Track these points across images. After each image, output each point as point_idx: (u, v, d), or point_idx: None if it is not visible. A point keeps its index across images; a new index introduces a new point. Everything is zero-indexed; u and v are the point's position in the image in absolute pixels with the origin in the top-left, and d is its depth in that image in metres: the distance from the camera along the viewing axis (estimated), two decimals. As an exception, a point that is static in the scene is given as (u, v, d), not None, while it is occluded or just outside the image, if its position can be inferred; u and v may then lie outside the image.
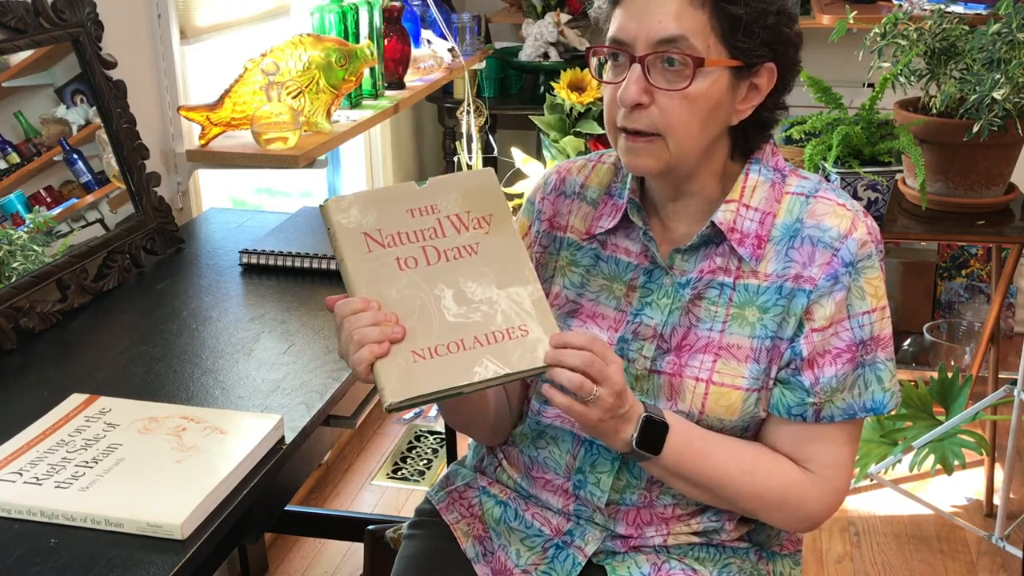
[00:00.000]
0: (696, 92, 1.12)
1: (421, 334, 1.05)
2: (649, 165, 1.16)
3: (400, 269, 1.09)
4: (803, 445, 1.21)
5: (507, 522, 1.33)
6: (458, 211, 1.13)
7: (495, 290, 1.09)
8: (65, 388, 1.31)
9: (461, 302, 1.08)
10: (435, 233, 1.11)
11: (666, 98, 1.12)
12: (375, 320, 1.05)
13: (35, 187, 1.61)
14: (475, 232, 1.12)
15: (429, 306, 1.07)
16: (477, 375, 1.04)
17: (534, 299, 1.10)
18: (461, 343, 1.06)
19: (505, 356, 1.05)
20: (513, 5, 3.63)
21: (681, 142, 1.14)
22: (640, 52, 1.12)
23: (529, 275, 1.11)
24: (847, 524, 2.61)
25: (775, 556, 1.33)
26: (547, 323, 1.08)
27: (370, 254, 1.09)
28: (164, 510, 1.05)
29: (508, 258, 1.11)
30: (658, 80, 1.12)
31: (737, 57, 1.13)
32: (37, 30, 1.62)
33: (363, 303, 1.06)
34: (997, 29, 2.09)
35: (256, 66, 1.97)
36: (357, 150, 3.04)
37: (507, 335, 1.07)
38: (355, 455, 2.93)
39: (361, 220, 1.10)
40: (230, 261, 1.81)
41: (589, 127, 3.14)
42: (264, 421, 1.23)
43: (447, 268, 1.10)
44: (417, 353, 1.04)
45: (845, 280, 1.17)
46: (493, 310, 1.08)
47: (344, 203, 1.11)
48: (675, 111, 1.13)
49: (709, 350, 1.20)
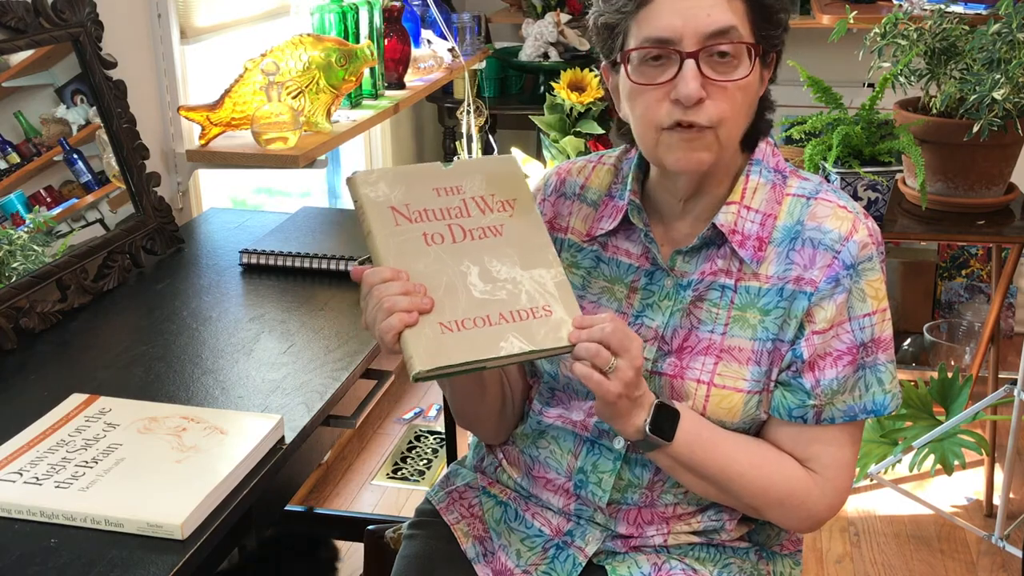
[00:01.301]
0: (748, 81, 1.14)
1: (449, 307, 1.07)
2: (706, 159, 1.15)
3: (427, 244, 1.10)
4: (804, 447, 1.21)
5: (507, 522, 1.33)
6: (483, 193, 1.15)
7: (519, 271, 1.11)
8: (65, 388, 1.31)
9: (487, 280, 1.10)
10: (460, 212, 1.13)
11: (720, 90, 1.12)
12: (405, 290, 1.06)
13: (35, 187, 1.61)
14: (499, 214, 1.14)
15: (456, 282, 1.09)
16: (503, 350, 1.06)
17: (557, 282, 1.12)
18: (487, 319, 1.07)
19: (530, 334, 1.07)
20: (513, 5, 3.63)
21: (731, 132, 1.15)
22: (691, 48, 1.11)
23: (552, 259, 1.13)
24: (847, 524, 2.61)
25: (775, 556, 1.33)
26: (570, 305, 1.11)
27: (398, 227, 1.10)
28: (164, 510, 1.05)
29: (532, 241, 1.14)
30: (711, 74, 1.12)
31: (760, 44, 1.15)
32: (37, 30, 1.62)
33: (392, 272, 1.07)
34: (997, 29, 2.09)
35: (256, 66, 1.97)
36: (357, 150, 3.04)
37: (531, 314, 1.09)
38: (355, 455, 2.93)
39: (389, 194, 1.12)
40: (230, 261, 1.81)
41: (589, 127, 3.14)
42: (264, 421, 1.23)
43: (472, 246, 1.11)
44: (444, 325, 1.06)
45: (846, 282, 1.16)
46: (518, 289, 1.10)
47: (372, 177, 1.13)
48: (730, 101, 1.13)
49: (711, 352, 1.20)
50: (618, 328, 1.08)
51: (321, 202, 2.91)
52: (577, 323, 1.09)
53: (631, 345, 1.08)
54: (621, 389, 1.09)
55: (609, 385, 1.08)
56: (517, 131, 3.60)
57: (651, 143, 1.17)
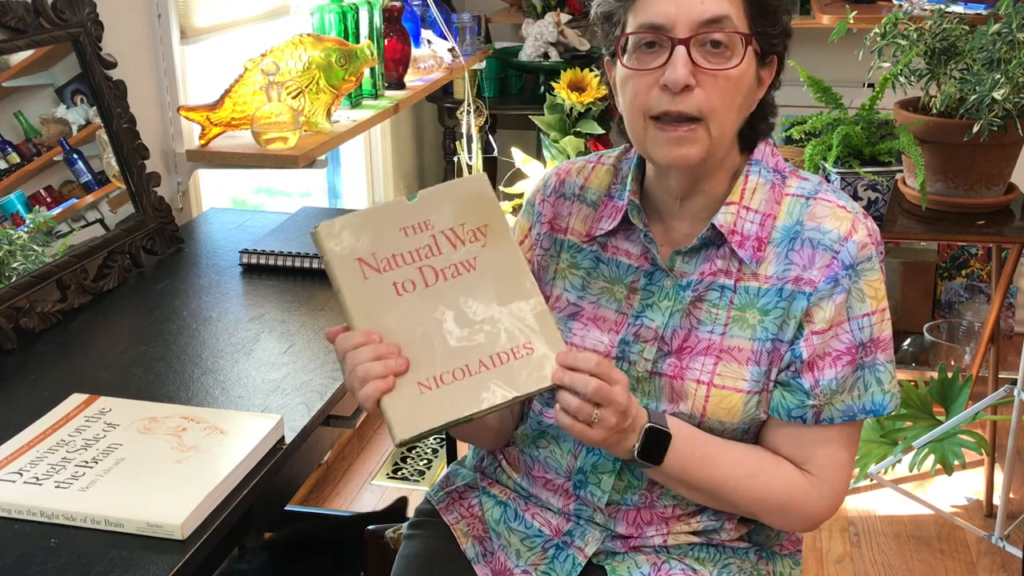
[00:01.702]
0: (740, 72, 1.13)
1: (425, 363, 1.04)
2: (693, 153, 1.14)
3: (398, 294, 1.06)
4: (803, 447, 1.21)
5: (507, 522, 1.33)
6: (452, 225, 1.10)
7: (496, 307, 1.07)
8: (65, 388, 1.31)
9: (463, 324, 1.06)
10: (431, 251, 1.08)
11: (711, 79, 1.12)
12: (377, 354, 1.03)
13: (35, 187, 1.61)
14: (471, 246, 1.09)
15: (431, 332, 1.05)
16: (485, 401, 1.03)
17: (536, 313, 1.08)
18: (466, 368, 1.04)
19: (512, 378, 1.04)
20: (513, 5, 3.63)
21: (722, 126, 1.14)
22: (683, 35, 1.11)
23: (530, 287, 1.09)
24: (847, 524, 2.61)
25: (775, 556, 1.33)
26: (552, 337, 1.07)
27: (366, 281, 1.06)
28: (164, 510, 1.05)
29: (507, 271, 1.09)
30: (702, 62, 1.12)
31: (759, 43, 1.15)
32: (37, 30, 1.62)
33: (364, 336, 1.04)
34: (997, 29, 2.09)
35: (256, 66, 1.97)
36: (357, 150, 3.04)
37: (512, 354, 1.05)
38: (355, 455, 2.93)
39: (354, 245, 1.07)
40: (230, 261, 1.81)
41: (589, 127, 3.14)
42: (264, 421, 1.23)
43: (446, 288, 1.07)
44: (423, 384, 1.03)
45: (845, 283, 1.16)
46: (496, 329, 1.06)
47: (335, 228, 1.07)
48: (720, 92, 1.12)
49: (710, 352, 1.20)
50: (603, 376, 1.05)
51: (321, 202, 2.91)
52: (560, 360, 1.05)
53: (615, 394, 1.06)
54: (605, 435, 1.08)
55: (592, 434, 1.07)
56: (517, 131, 3.59)
57: (640, 134, 1.17)
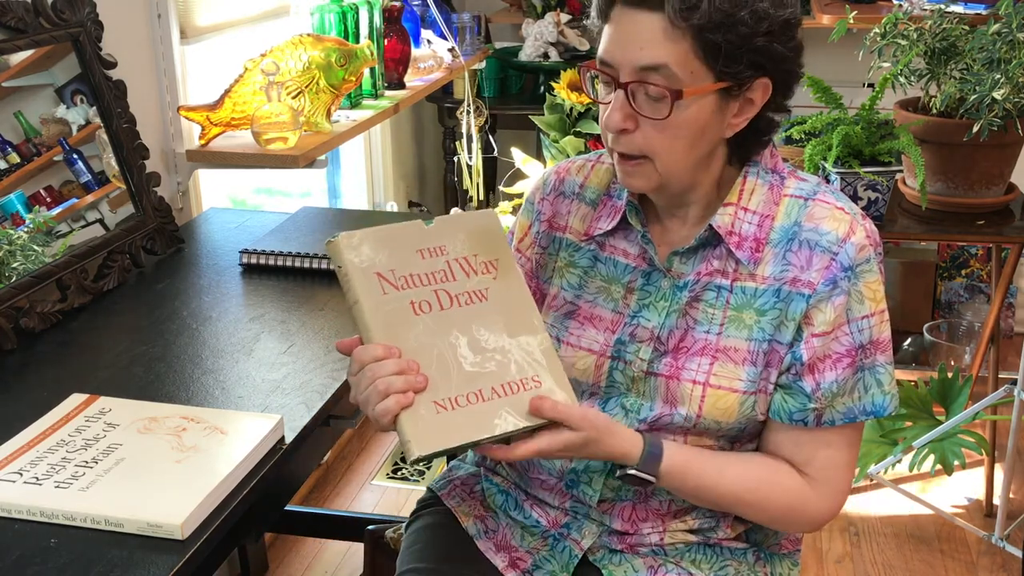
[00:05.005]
0: (678, 121, 1.11)
1: (442, 384, 1.05)
2: (640, 185, 1.18)
3: (415, 314, 1.07)
4: (804, 450, 1.21)
5: (507, 511, 1.33)
6: (466, 254, 1.12)
7: (506, 339, 1.10)
8: (65, 388, 1.31)
9: (476, 351, 1.08)
10: (445, 276, 1.10)
11: (649, 125, 1.12)
12: (399, 369, 1.03)
13: (35, 187, 1.61)
14: (484, 277, 1.12)
15: (446, 354, 1.07)
16: (498, 427, 1.06)
17: (543, 349, 1.11)
18: (480, 394, 1.06)
19: (522, 408, 1.08)
20: (513, 5, 3.63)
21: (668, 164, 1.15)
22: (624, 79, 1.11)
23: (537, 324, 1.12)
24: (847, 524, 2.61)
25: (773, 557, 1.33)
26: (557, 374, 1.11)
27: (385, 296, 1.06)
28: (164, 510, 1.05)
29: (516, 305, 1.12)
30: (642, 107, 1.12)
31: (724, 79, 1.11)
32: (37, 30, 1.62)
33: (385, 350, 1.04)
34: (997, 29, 2.09)
35: (256, 66, 1.97)
36: (357, 150, 3.04)
37: (522, 386, 1.08)
38: (355, 455, 2.93)
39: (374, 259, 1.07)
40: (230, 261, 1.81)
41: (589, 127, 3.13)
42: (264, 421, 1.23)
43: (459, 314, 1.09)
44: (439, 404, 1.04)
45: (844, 285, 1.16)
46: (507, 359, 1.09)
47: (355, 240, 1.07)
48: (658, 138, 1.12)
49: (706, 353, 1.20)
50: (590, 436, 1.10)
51: (321, 202, 2.91)
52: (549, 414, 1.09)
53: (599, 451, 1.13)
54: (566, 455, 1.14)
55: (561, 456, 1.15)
56: (517, 131, 3.59)
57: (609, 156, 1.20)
